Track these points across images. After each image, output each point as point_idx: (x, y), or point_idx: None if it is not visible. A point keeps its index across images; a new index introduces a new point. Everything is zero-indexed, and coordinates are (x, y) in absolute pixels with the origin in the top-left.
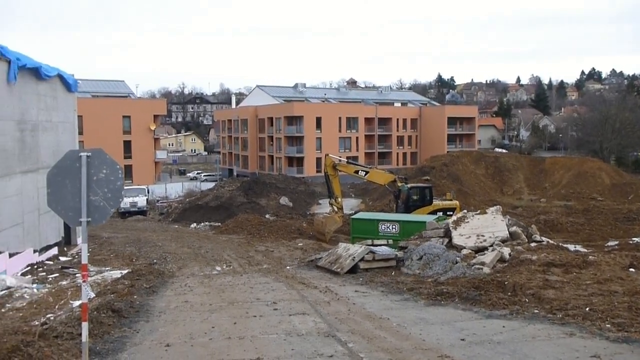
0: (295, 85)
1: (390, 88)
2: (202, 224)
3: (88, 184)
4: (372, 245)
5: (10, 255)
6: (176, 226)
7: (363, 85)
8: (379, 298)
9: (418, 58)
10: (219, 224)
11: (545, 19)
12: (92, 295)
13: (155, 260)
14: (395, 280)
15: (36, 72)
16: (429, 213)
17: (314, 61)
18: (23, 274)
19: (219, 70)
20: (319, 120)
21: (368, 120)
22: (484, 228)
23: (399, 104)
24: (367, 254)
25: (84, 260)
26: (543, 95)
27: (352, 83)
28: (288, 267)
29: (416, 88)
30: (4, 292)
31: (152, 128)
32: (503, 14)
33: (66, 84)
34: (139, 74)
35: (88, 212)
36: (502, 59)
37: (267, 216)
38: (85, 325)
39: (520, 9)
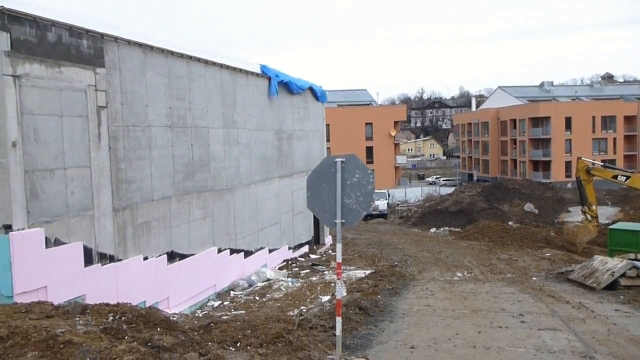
0: (542, 84)
1: None
2: (442, 228)
3: (342, 187)
4: (636, 260)
5: (270, 251)
6: (416, 230)
7: (622, 80)
8: None
9: None
10: (459, 229)
11: None
12: (344, 293)
13: (396, 263)
14: None
15: (291, 86)
16: None
17: (560, 58)
18: (280, 268)
19: (458, 74)
20: (568, 121)
21: (628, 119)
22: None
23: None
24: (629, 269)
25: (339, 259)
26: None
27: (608, 78)
28: (534, 278)
29: None
30: (264, 283)
31: (393, 134)
32: None
33: (316, 95)
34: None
35: (342, 214)
36: None
37: (510, 223)
38: (339, 320)
39: None
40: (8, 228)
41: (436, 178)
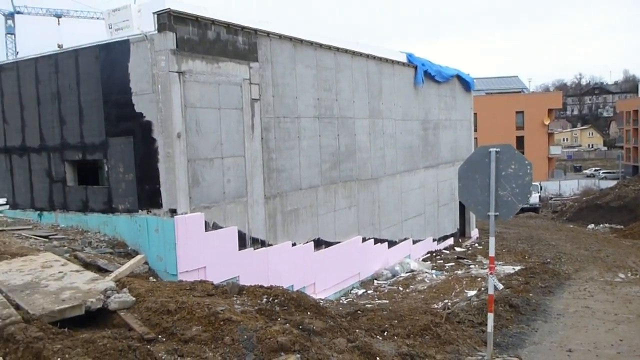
0: None
1: None
2: (601, 225)
3: (497, 178)
4: None
5: (414, 242)
6: (571, 226)
7: None
8: None
9: None
10: (621, 226)
11: None
12: (500, 286)
13: (549, 260)
14: None
15: (437, 75)
16: None
17: None
18: (423, 260)
19: (623, 57)
20: None
21: None
22: None
23: None
24: None
25: (492, 253)
26: None
27: None
28: None
29: None
30: (408, 274)
31: (546, 123)
32: None
33: (464, 83)
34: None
35: (496, 207)
36: None
37: None
38: (490, 317)
39: None
40: (173, 212)
41: (595, 170)
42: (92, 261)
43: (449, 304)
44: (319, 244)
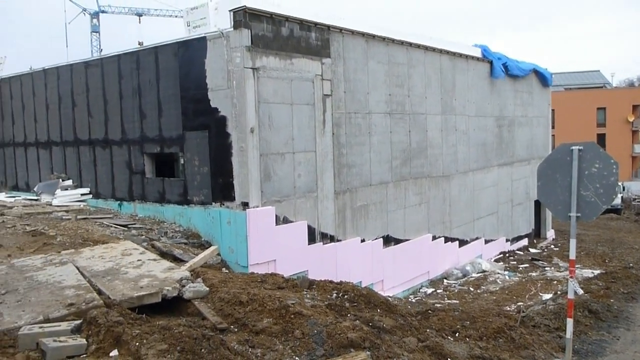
0: None
1: None
2: None
3: (579, 178)
4: None
5: (486, 242)
6: None
7: None
8: None
9: None
10: None
11: None
12: (580, 291)
13: (631, 264)
14: None
15: (513, 70)
16: None
17: None
18: (496, 260)
19: None
20: None
21: None
22: None
23: None
24: None
25: (572, 256)
26: None
27: None
28: None
29: None
30: (479, 274)
31: (630, 120)
32: None
33: (541, 78)
34: (616, 62)
35: (578, 207)
36: None
37: None
38: (570, 322)
39: None
40: (245, 205)
41: None
42: (168, 251)
43: (523, 307)
44: (388, 240)
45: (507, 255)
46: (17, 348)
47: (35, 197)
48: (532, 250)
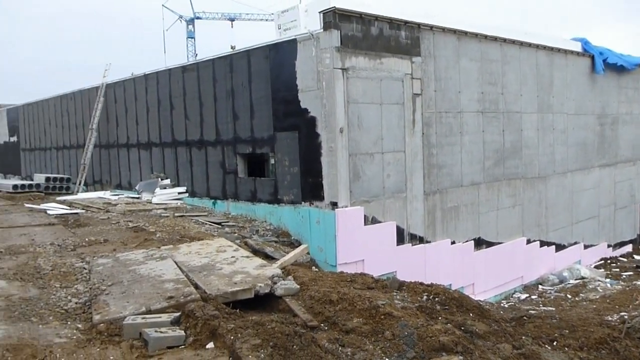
0: None
1: None
2: None
3: None
4: None
5: (585, 247)
6: None
7: None
8: None
9: None
10: None
11: None
12: None
13: None
14: None
15: (618, 64)
16: None
17: None
18: (596, 267)
19: None
20: None
21: None
22: None
23: None
24: None
25: None
26: None
27: None
28: None
29: None
30: (577, 281)
31: None
32: None
33: None
34: None
35: None
36: None
37: None
38: None
39: None
40: (334, 205)
41: None
42: (260, 248)
43: (628, 317)
44: (480, 243)
45: (608, 261)
46: (122, 337)
47: (137, 195)
48: (637, 257)
